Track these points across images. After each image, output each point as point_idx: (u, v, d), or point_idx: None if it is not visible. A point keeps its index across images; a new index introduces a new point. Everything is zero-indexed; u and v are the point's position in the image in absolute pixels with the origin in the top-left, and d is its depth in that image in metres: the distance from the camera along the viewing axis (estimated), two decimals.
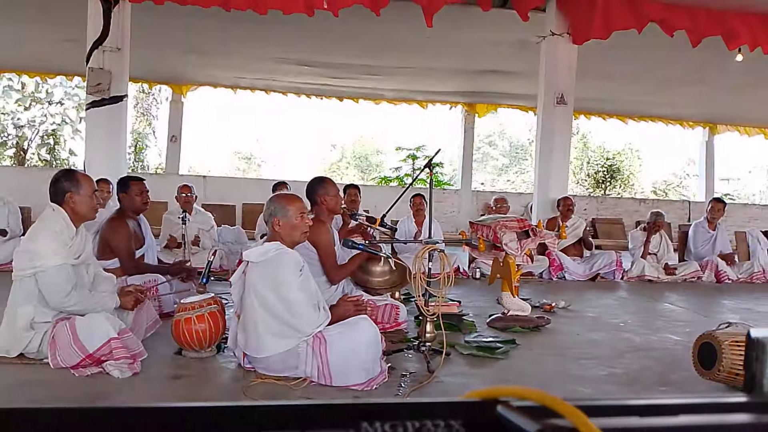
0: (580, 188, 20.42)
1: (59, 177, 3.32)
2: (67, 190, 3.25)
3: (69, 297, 3.11)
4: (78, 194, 3.27)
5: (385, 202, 5.65)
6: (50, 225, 3.20)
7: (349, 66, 10.50)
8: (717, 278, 7.57)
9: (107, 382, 2.94)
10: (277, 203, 3.20)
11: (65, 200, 3.25)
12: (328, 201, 3.99)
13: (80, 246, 3.26)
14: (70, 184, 3.27)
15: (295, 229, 3.18)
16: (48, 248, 3.11)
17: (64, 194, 3.25)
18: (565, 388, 3.20)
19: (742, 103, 12.17)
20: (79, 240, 3.27)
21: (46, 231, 3.18)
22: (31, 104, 17.16)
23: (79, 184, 3.28)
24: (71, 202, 3.25)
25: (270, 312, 3.02)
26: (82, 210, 3.29)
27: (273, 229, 3.18)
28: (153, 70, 11.53)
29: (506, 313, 4.53)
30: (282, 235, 3.16)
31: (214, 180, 13.03)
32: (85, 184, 3.32)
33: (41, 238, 3.16)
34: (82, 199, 3.28)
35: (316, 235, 3.73)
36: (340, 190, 4.27)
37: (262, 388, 2.94)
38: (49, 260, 3.09)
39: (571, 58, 7.70)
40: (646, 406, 0.41)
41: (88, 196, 3.31)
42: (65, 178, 3.29)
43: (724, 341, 3.04)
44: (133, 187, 4.55)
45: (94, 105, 6.60)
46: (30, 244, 3.18)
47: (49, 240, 3.14)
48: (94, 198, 3.36)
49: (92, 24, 6.55)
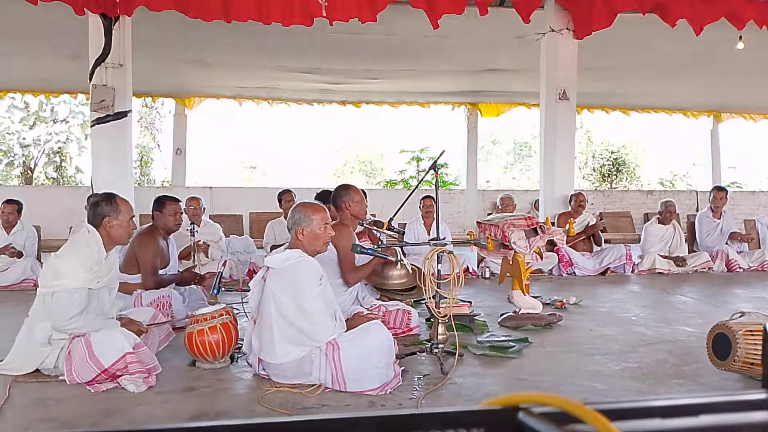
0: (586, 183, 20.35)
1: (99, 200, 3.35)
2: (106, 215, 3.29)
3: (71, 321, 3.11)
4: (116, 219, 3.30)
5: (391, 206, 5.66)
6: (81, 246, 3.23)
7: (351, 71, 10.51)
8: (728, 267, 7.53)
9: (123, 398, 2.96)
10: (302, 212, 3.23)
11: (102, 224, 3.28)
12: (352, 207, 4.12)
13: (106, 270, 3.28)
14: (110, 208, 3.30)
15: (318, 239, 3.22)
16: (72, 270, 3.13)
17: (103, 218, 3.28)
18: (579, 384, 3.19)
19: (746, 91, 12.10)
20: (107, 265, 3.30)
21: (75, 253, 3.20)
22: (35, 123, 17.27)
23: (118, 209, 3.32)
24: (108, 227, 3.28)
25: (287, 319, 3.04)
26: (117, 235, 3.32)
27: (296, 237, 3.21)
28: (156, 84, 11.59)
29: (517, 312, 4.52)
30: (304, 244, 3.19)
31: (220, 191, 13.06)
32: (125, 209, 3.35)
33: (69, 258, 3.19)
34: (120, 224, 3.31)
35: (338, 237, 3.79)
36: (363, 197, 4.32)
37: (277, 397, 2.95)
38: (70, 281, 3.11)
39: (571, 53, 7.69)
40: (667, 407, 0.41)
41: (126, 222, 3.35)
42: (105, 202, 3.32)
43: (738, 331, 3.02)
44: (168, 207, 4.61)
45: (98, 122, 6.63)
46: (57, 262, 3.21)
47: (76, 262, 3.16)
48: (130, 224, 3.40)
49: (93, 41, 6.59)
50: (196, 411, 2.81)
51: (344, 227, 4.01)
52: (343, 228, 3.99)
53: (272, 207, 9.43)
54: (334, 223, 3.87)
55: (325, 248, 3.35)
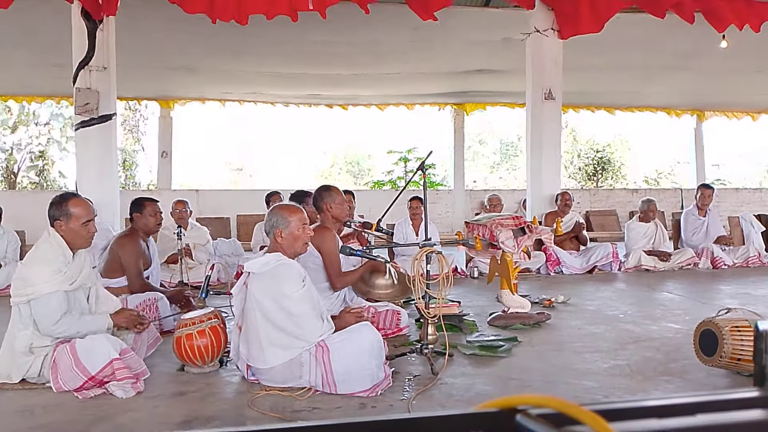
0: (572, 182, 20.49)
1: (53, 202, 3.23)
2: (56, 218, 3.17)
3: (58, 324, 3.06)
4: (66, 224, 3.16)
5: (379, 207, 5.66)
6: (44, 251, 3.15)
7: (337, 76, 10.51)
8: (713, 264, 7.61)
9: (111, 404, 2.93)
10: (279, 214, 3.20)
11: (55, 227, 3.18)
12: (333, 208, 4.05)
13: (76, 271, 3.20)
14: (60, 211, 3.16)
15: (297, 240, 3.20)
16: (40, 276, 3.06)
17: (54, 221, 3.18)
18: (569, 382, 3.21)
19: (729, 89, 12.25)
20: (76, 265, 3.21)
21: (39, 258, 3.13)
22: (16, 126, 17.08)
23: (68, 213, 3.15)
24: (61, 231, 3.18)
25: (273, 323, 3.02)
26: (72, 238, 3.18)
27: (275, 241, 3.19)
28: (140, 88, 11.51)
29: (506, 311, 4.54)
30: (284, 247, 3.17)
31: (207, 193, 12.99)
32: (76, 212, 3.17)
33: (35, 265, 3.12)
34: (72, 228, 3.17)
35: (321, 242, 3.76)
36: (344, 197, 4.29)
37: (267, 401, 2.93)
38: (42, 288, 3.05)
39: (556, 53, 7.74)
40: (663, 407, 0.41)
41: (78, 226, 3.17)
42: (56, 205, 3.18)
43: (725, 327, 3.05)
44: (147, 208, 4.57)
45: (83, 125, 6.57)
46: (24, 271, 3.15)
47: (42, 267, 3.09)
48: (86, 227, 3.21)
49: (77, 44, 6.53)
50: (186, 416, 2.79)
51: (327, 230, 3.94)
52: (326, 231, 3.92)
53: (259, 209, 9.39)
54: (317, 226, 3.85)
55: (305, 249, 3.31)
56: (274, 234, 3.18)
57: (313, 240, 3.47)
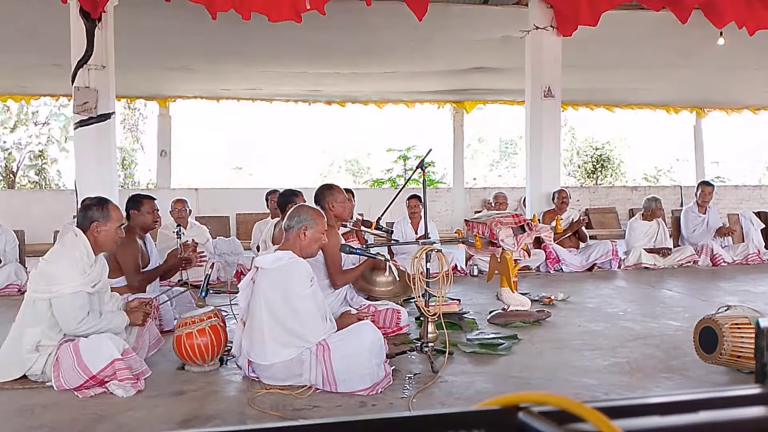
0: (572, 179, 20.49)
1: (91, 204, 3.30)
2: (96, 219, 3.24)
3: (82, 323, 3.10)
4: (105, 225, 3.26)
5: (379, 205, 5.66)
6: (71, 250, 3.18)
7: (335, 74, 10.50)
8: (713, 262, 7.61)
9: (112, 403, 2.93)
10: (310, 214, 3.23)
11: (90, 228, 3.24)
12: (335, 207, 4.08)
13: (98, 275, 3.25)
14: (100, 214, 3.26)
15: (316, 242, 3.25)
16: (66, 274, 3.09)
17: (91, 222, 3.24)
18: (569, 380, 3.21)
19: (728, 86, 12.26)
20: (98, 269, 3.26)
21: (66, 257, 3.16)
22: (16, 126, 17.07)
23: (108, 216, 3.27)
24: (96, 232, 3.24)
25: (277, 320, 3.03)
26: (104, 241, 3.28)
27: (297, 237, 3.19)
28: (138, 86, 11.51)
29: (506, 309, 4.54)
30: (302, 246, 3.19)
31: (206, 192, 12.99)
32: (115, 216, 3.31)
33: (61, 262, 3.14)
34: (108, 231, 3.27)
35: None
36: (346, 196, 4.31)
37: (268, 399, 2.94)
38: (66, 287, 3.08)
39: (555, 50, 7.73)
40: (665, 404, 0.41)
41: (114, 229, 3.30)
42: (97, 207, 3.28)
43: (725, 324, 3.06)
44: (145, 205, 4.57)
45: (82, 124, 6.56)
46: (49, 267, 3.16)
47: (69, 266, 3.12)
48: (118, 232, 3.35)
49: (76, 43, 6.52)
50: (186, 415, 2.79)
51: (330, 229, 3.96)
52: (329, 229, 3.95)
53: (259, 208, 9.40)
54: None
55: (316, 253, 3.38)
56: (299, 231, 3.18)
57: None
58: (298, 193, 5.04)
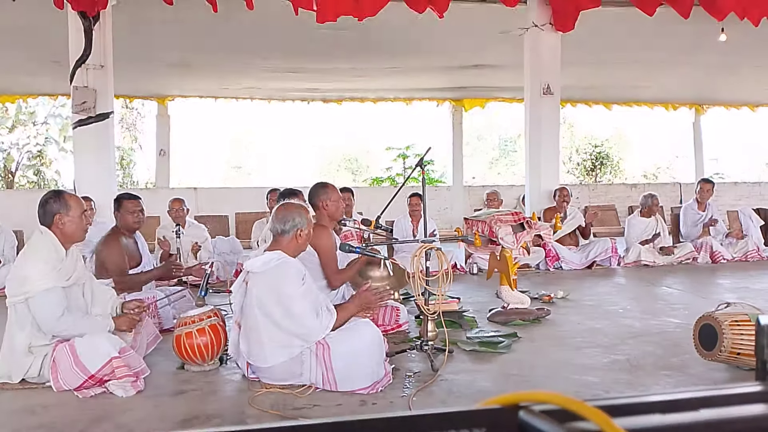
0: (571, 177, 20.48)
1: (48, 198, 3.27)
2: (56, 212, 3.21)
3: (60, 321, 3.07)
4: (67, 215, 3.22)
5: (378, 203, 5.65)
6: (38, 249, 3.17)
7: (334, 70, 10.49)
8: (712, 259, 7.61)
9: (112, 403, 2.93)
10: (302, 217, 3.20)
11: (54, 222, 3.21)
12: (329, 206, 4.03)
13: (70, 268, 3.22)
14: (59, 205, 3.22)
15: (308, 239, 3.26)
16: (36, 273, 3.07)
17: (53, 216, 3.21)
18: (570, 378, 3.21)
19: (727, 83, 12.24)
20: (70, 262, 3.23)
21: (34, 256, 3.15)
22: (14, 126, 17.05)
23: (68, 205, 3.24)
24: (60, 224, 3.21)
25: (274, 322, 3.02)
26: (71, 231, 3.25)
27: (292, 240, 3.16)
28: (137, 86, 11.49)
29: (506, 307, 4.54)
30: (298, 246, 3.19)
31: (205, 191, 12.97)
32: (74, 204, 3.28)
33: (30, 263, 3.13)
34: (72, 220, 3.24)
35: (318, 240, 3.74)
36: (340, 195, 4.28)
37: (268, 399, 2.94)
38: (38, 285, 3.05)
39: (555, 48, 7.73)
40: (666, 402, 0.41)
41: (78, 216, 3.27)
42: (54, 200, 3.25)
43: (724, 322, 3.06)
44: (125, 205, 4.54)
45: (80, 124, 6.55)
46: (19, 270, 3.15)
47: (38, 264, 3.10)
48: (83, 218, 3.32)
49: (74, 42, 6.51)
50: (186, 414, 2.79)
51: (323, 228, 3.92)
52: (322, 229, 3.89)
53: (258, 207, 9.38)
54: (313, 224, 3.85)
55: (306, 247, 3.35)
56: (295, 233, 3.16)
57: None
58: (298, 192, 5.03)
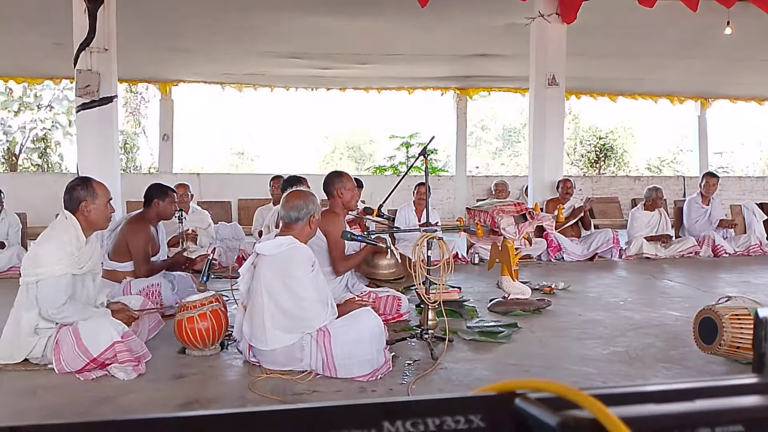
0: (575, 169, 20.44)
1: (75, 185, 3.30)
2: (83, 199, 3.24)
3: (60, 309, 3.09)
4: (93, 203, 3.26)
5: (381, 192, 5.66)
6: (60, 233, 3.19)
7: (338, 55, 10.44)
8: (714, 253, 7.60)
9: (113, 385, 2.95)
10: (314, 203, 3.28)
11: (80, 209, 3.24)
12: (344, 195, 4.08)
13: (87, 256, 3.25)
14: (86, 192, 3.26)
15: (318, 224, 3.34)
16: (52, 257, 3.10)
17: (79, 203, 3.24)
18: (569, 368, 3.22)
19: (733, 77, 12.17)
20: (88, 250, 3.26)
21: (54, 239, 3.17)
22: (20, 109, 17.04)
23: (95, 193, 3.27)
24: (86, 211, 3.24)
25: (278, 305, 3.05)
26: (96, 219, 3.28)
27: (306, 225, 3.22)
28: (140, 70, 11.46)
29: (507, 297, 4.55)
30: (309, 232, 3.25)
31: (208, 177, 12.98)
32: (101, 193, 3.31)
33: (48, 245, 3.15)
34: (98, 208, 3.27)
35: (329, 225, 3.80)
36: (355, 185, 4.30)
37: (268, 384, 2.95)
38: (51, 269, 3.08)
39: (560, 38, 7.68)
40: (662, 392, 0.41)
41: (104, 205, 3.30)
42: (81, 186, 3.28)
43: (724, 315, 3.06)
44: (170, 196, 4.57)
45: (84, 107, 6.54)
46: (37, 249, 3.18)
47: (55, 248, 3.12)
48: (108, 207, 3.35)
49: (78, 25, 6.49)
50: (186, 398, 2.81)
51: (335, 215, 4.00)
52: (334, 216, 3.97)
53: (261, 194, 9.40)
54: (325, 211, 3.89)
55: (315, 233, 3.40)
56: (308, 220, 3.22)
57: (320, 224, 3.50)
58: (302, 179, 5.03)
